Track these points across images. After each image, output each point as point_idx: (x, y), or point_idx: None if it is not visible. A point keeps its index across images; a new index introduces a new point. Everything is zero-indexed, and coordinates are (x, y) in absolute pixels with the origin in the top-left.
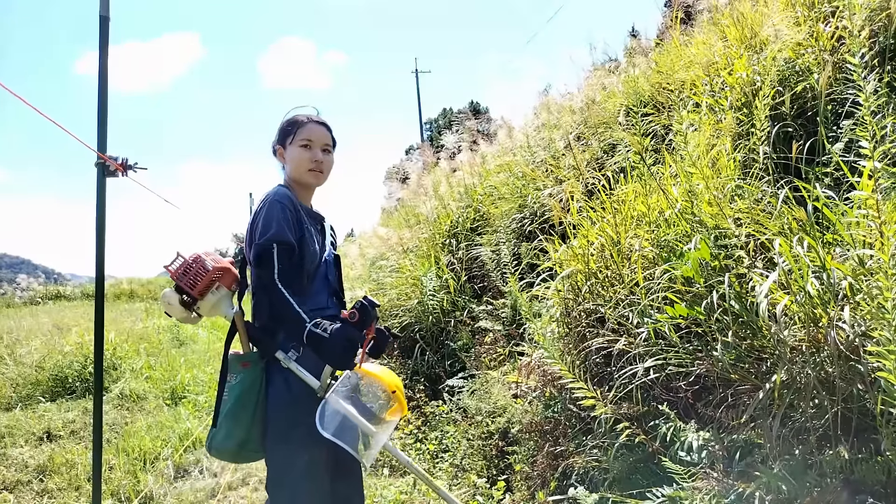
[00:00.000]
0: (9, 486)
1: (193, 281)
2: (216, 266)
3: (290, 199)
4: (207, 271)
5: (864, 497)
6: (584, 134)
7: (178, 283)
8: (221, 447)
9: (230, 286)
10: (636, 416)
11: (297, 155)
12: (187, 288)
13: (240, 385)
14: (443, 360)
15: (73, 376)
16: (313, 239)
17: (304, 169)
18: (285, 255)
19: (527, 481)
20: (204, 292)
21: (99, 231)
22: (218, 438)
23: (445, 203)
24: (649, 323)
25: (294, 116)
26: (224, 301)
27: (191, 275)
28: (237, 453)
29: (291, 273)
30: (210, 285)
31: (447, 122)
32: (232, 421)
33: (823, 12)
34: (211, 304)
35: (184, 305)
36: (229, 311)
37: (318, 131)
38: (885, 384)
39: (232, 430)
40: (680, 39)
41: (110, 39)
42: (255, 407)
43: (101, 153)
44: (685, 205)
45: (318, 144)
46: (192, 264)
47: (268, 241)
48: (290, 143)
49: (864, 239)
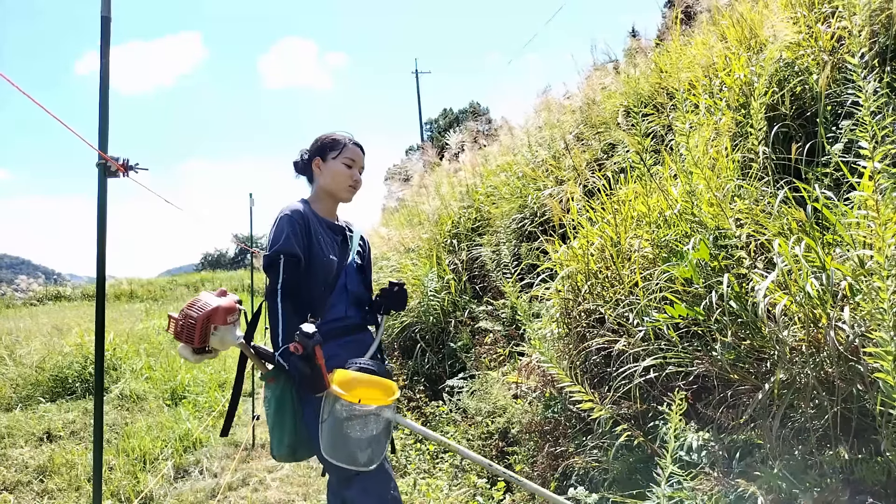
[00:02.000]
0: (9, 486)
1: (190, 335)
2: (201, 315)
3: (300, 214)
4: (195, 323)
5: (864, 497)
6: (584, 134)
7: (182, 342)
8: (279, 454)
9: (225, 321)
10: (636, 415)
11: (340, 171)
12: (189, 343)
13: (273, 399)
14: (443, 361)
15: (73, 377)
16: (326, 250)
17: (344, 185)
18: (291, 266)
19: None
20: (205, 339)
21: (100, 231)
22: (274, 446)
23: (447, 203)
24: (649, 322)
25: (336, 136)
26: (228, 334)
27: (186, 331)
28: (293, 455)
29: (297, 284)
30: (206, 330)
31: (447, 122)
32: (279, 431)
33: (823, 13)
34: (219, 342)
35: (198, 353)
36: (238, 341)
37: (359, 154)
38: (884, 385)
39: (282, 438)
40: (680, 40)
41: (112, 39)
42: (293, 413)
43: (103, 153)
44: (685, 205)
45: (357, 166)
46: (181, 321)
47: (275, 253)
48: (333, 157)
49: (864, 240)
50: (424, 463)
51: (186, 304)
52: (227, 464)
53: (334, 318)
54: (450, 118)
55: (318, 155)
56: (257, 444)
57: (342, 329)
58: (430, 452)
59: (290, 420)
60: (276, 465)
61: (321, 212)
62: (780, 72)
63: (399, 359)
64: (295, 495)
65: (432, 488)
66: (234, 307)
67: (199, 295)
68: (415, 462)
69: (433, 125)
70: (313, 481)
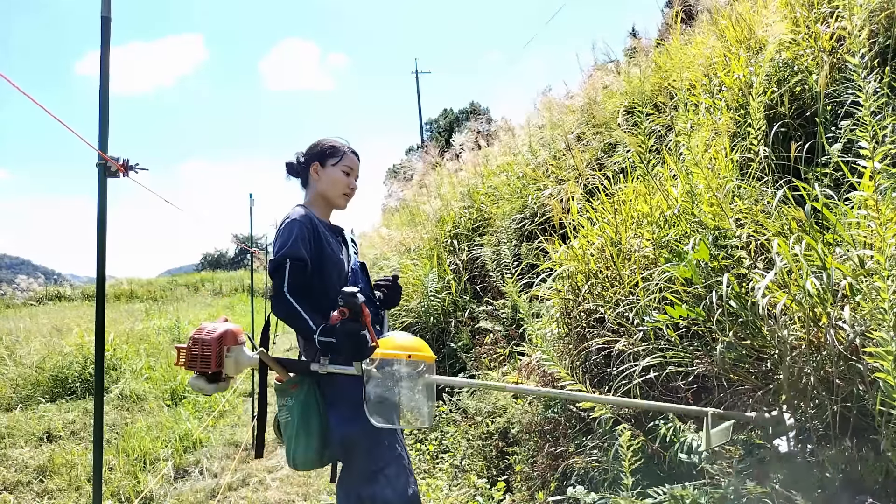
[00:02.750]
0: (9, 486)
1: (205, 360)
2: (213, 338)
3: (308, 219)
4: (210, 346)
5: (864, 497)
6: (584, 134)
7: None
8: (306, 459)
9: (236, 341)
10: (636, 416)
11: (339, 178)
12: (204, 370)
13: (298, 404)
14: (443, 361)
15: (73, 377)
16: (335, 250)
17: (340, 192)
18: (297, 269)
19: (527, 482)
20: (220, 362)
21: (100, 231)
22: (300, 453)
23: (448, 203)
24: (649, 322)
25: (335, 143)
26: (241, 355)
27: (199, 358)
28: (321, 460)
29: (304, 286)
30: (221, 353)
31: (447, 122)
32: (304, 436)
33: (822, 13)
34: (233, 363)
35: (213, 381)
36: (252, 360)
37: (356, 162)
38: (884, 385)
39: (309, 442)
40: (680, 39)
41: (114, 40)
42: (319, 418)
43: (103, 153)
44: (685, 205)
45: (354, 174)
46: (193, 349)
47: (282, 257)
48: (332, 165)
49: (864, 239)
50: (424, 463)
51: (192, 334)
52: (227, 464)
53: None
54: (450, 118)
55: (318, 160)
56: None
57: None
58: (430, 452)
59: (317, 424)
60: (276, 466)
61: (320, 216)
62: (780, 71)
63: None
64: (295, 495)
65: (432, 488)
66: (240, 330)
67: (201, 324)
68: (415, 462)
69: (433, 125)
70: (313, 481)
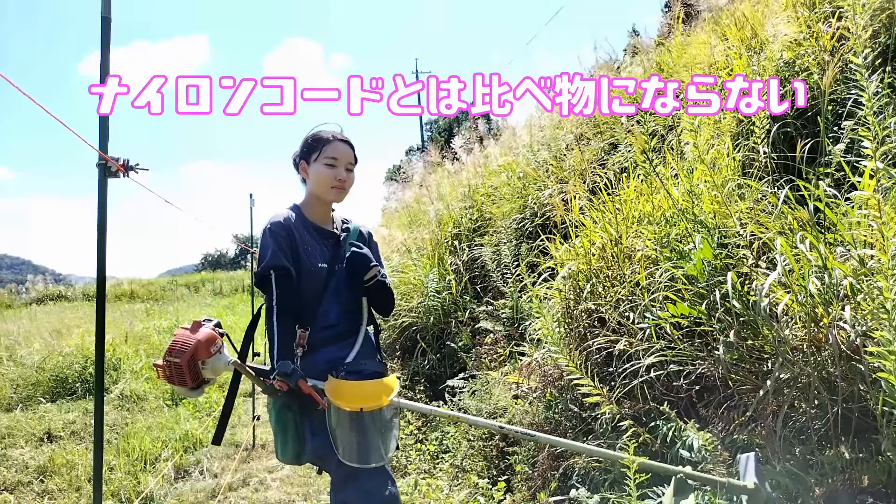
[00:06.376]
0: (9, 486)
1: (182, 377)
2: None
3: (281, 226)
4: (181, 366)
5: (865, 497)
6: (585, 133)
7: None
8: (285, 458)
9: (209, 353)
10: (637, 415)
11: (322, 172)
12: (182, 385)
13: (274, 410)
14: (443, 361)
15: (74, 377)
16: (313, 259)
17: (328, 186)
18: (283, 280)
19: (527, 482)
20: (195, 376)
21: (100, 232)
22: (279, 450)
23: (448, 204)
24: (651, 321)
25: (319, 133)
26: (217, 363)
27: (176, 375)
28: (297, 461)
29: (292, 297)
30: (195, 368)
31: (447, 122)
32: (281, 439)
33: (824, 13)
34: (211, 371)
35: (195, 389)
36: (228, 365)
37: (342, 150)
38: (886, 385)
39: (285, 445)
40: (681, 39)
41: (119, 41)
42: (295, 426)
43: (103, 153)
44: (686, 204)
45: (343, 163)
46: (167, 367)
47: (265, 269)
48: (314, 159)
49: (866, 239)
50: (425, 463)
51: (167, 349)
52: (228, 464)
53: (327, 325)
54: (450, 119)
55: (304, 158)
56: (257, 444)
57: (335, 335)
58: (430, 453)
59: (293, 432)
60: (276, 466)
61: (313, 217)
62: (781, 71)
63: (400, 359)
64: (295, 496)
65: (432, 488)
66: (214, 336)
67: (175, 335)
68: (415, 462)
69: (433, 125)
70: (314, 481)
